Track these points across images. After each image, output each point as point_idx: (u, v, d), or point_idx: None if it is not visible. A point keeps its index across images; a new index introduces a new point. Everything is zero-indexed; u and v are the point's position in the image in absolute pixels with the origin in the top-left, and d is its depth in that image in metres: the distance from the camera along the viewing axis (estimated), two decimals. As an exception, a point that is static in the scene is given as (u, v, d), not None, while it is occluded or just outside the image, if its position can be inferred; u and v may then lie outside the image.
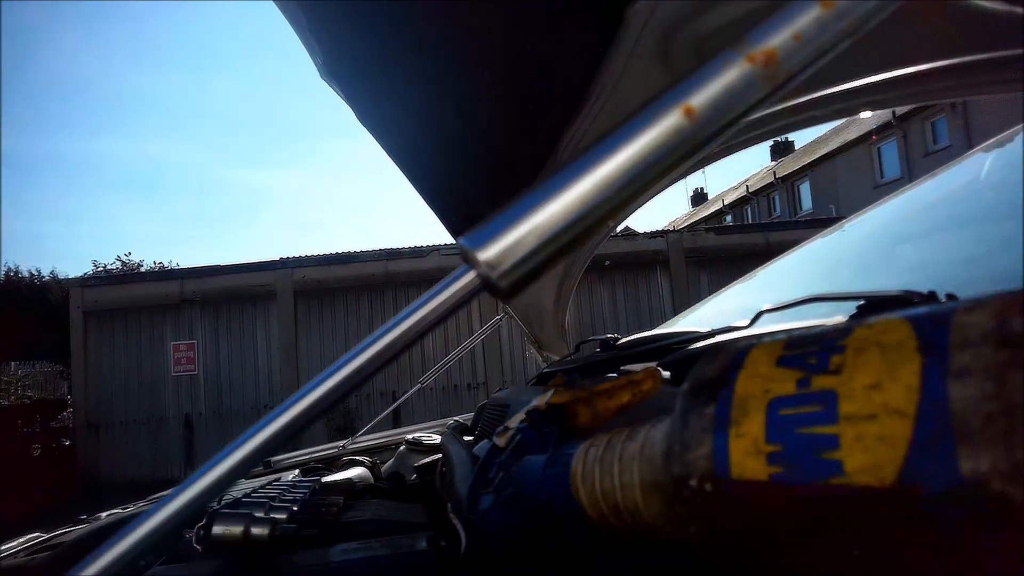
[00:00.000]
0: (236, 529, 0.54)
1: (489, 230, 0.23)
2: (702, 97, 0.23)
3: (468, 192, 2.01)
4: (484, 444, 0.78)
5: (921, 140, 16.87)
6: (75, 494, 8.90)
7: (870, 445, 0.28)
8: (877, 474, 0.27)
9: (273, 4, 1.92)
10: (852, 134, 19.09)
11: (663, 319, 9.94)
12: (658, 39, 0.83)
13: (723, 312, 1.64)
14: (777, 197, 23.77)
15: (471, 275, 0.23)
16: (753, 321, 0.85)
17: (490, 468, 0.57)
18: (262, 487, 0.75)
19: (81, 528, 1.56)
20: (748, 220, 24.18)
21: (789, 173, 22.57)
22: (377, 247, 10.25)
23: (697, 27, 0.79)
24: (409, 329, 0.22)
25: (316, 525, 0.63)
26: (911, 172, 16.75)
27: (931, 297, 0.67)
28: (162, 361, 9.55)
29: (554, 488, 0.47)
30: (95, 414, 9.41)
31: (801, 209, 22.08)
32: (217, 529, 0.56)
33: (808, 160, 21.45)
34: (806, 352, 0.34)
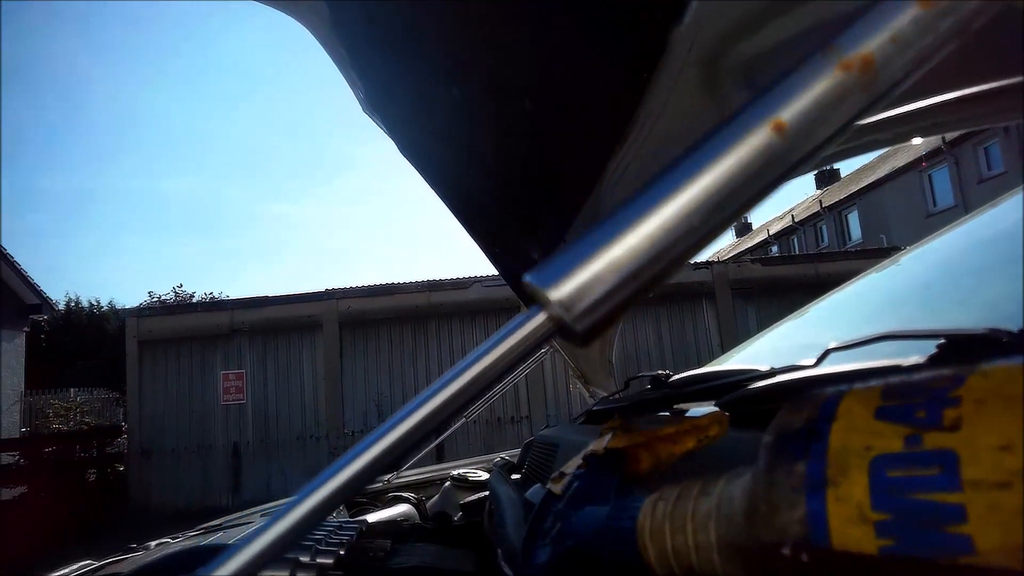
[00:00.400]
0: (282, 573, 0.52)
1: (561, 266, 0.20)
2: (793, 111, 0.20)
3: (511, 223, 2.00)
4: (537, 489, 0.75)
5: (974, 166, 16.34)
6: (126, 519, 9.08)
7: (1007, 519, 0.24)
8: (1020, 555, 0.23)
9: (315, 40, 1.97)
10: (900, 160, 18.63)
11: (709, 353, 9.74)
12: (704, 62, 0.81)
13: (778, 349, 1.57)
14: (824, 227, 23.24)
15: (542, 317, 0.20)
16: (820, 360, 0.80)
17: (546, 517, 0.54)
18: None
19: (131, 556, 1.56)
20: (795, 251, 23.66)
21: (836, 202, 22.09)
22: (420, 278, 10.35)
23: (744, 49, 0.76)
24: (476, 378, 0.20)
25: (363, 571, 0.60)
26: (965, 200, 16.21)
27: (1022, 336, 0.62)
28: (212, 390, 9.75)
29: (618, 543, 0.44)
30: (148, 441, 9.63)
31: (850, 239, 21.53)
32: (263, 573, 0.54)
33: (855, 188, 20.98)
34: (911, 403, 0.30)
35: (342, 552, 0.59)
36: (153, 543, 1.71)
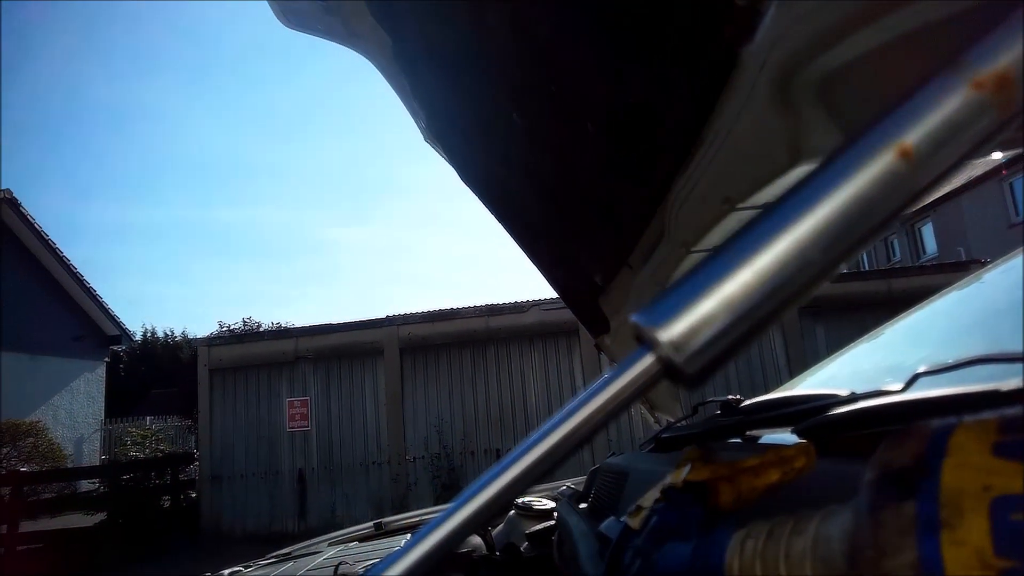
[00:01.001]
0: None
1: (670, 304, 0.19)
2: (920, 134, 0.19)
3: (573, 246, 1.99)
4: (612, 522, 0.73)
5: (1060, 174, 15.45)
6: (199, 543, 9.35)
7: None
8: None
9: (375, 69, 2.01)
10: (978, 169, 17.71)
11: (777, 376, 9.43)
12: (777, 80, 0.78)
13: (856, 373, 1.50)
14: (896, 241, 22.33)
15: (650, 360, 0.19)
16: (908, 385, 0.76)
17: (625, 552, 0.52)
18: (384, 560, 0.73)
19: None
20: (865, 267, 22.79)
21: (908, 214, 21.18)
22: (478, 302, 10.42)
23: (819, 65, 0.74)
24: (582, 423, 0.19)
25: (438, 608, 0.60)
26: (1052, 209, 15.33)
27: None
28: (278, 416, 10.00)
29: (705, 583, 0.42)
30: (218, 467, 9.92)
31: (924, 253, 20.62)
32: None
33: (930, 199, 20.08)
34: (1034, 439, 0.28)
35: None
36: (227, 572, 1.75)
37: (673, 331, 0.19)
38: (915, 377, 0.76)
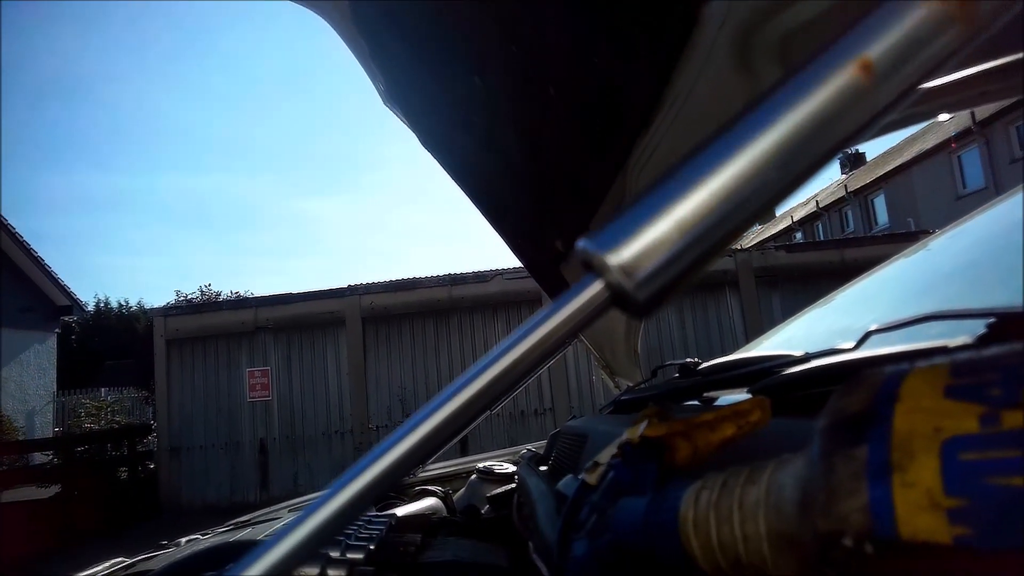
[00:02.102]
0: (312, 572, 0.50)
1: (619, 229, 0.18)
2: (881, 48, 0.17)
3: (535, 213, 1.98)
4: (568, 480, 0.73)
5: (1006, 146, 15.93)
6: (157, 516, 9.25)
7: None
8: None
9: (334, 34, 1.94)
10: (929, 143, 18.24)
11: (734, 343, 9.64)
12: (736, 39, 0.77)
13: (809, 336, 1.53)
14: (850, 212, 22.86)
15: (598, 286, 0.18)
16: (860, 343, 0.77)
17: (581, 509, 0.52)
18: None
19: (162, 553, 1.57)
20: (820, 237, 23.32)
21: (862, 186, 21.71)
22: (441, 272, 10.37)
23: (779, 24, 0.73)
24: (526, 353, 0.18)
25: (394, 567, 0.59)
26: (996, 181, 15.83)
27: (1080, 313, 0.59)
28: (238, 387, 9.87)
29: (660, 535, 0.42)
30: (176, 438, 9.78)
31: (876, 224, 21.16)
32: (305, 568, 0.53)
33: (881, 172, 20.59)
34: (985, 381, 0.28)
35: (372, 547, 0.58)
36: (184, 540, 1.72)
37: (622, 255, 0.18)
38: (867, 335, 0.77)
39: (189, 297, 18.53)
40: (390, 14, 1.77)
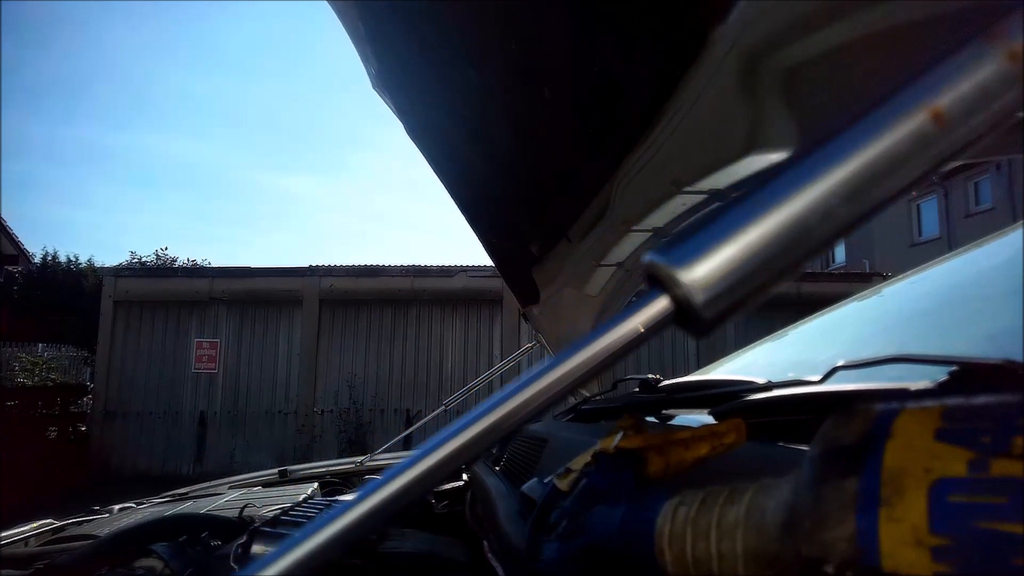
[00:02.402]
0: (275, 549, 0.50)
1: (693, 246, 0.18)
2: (952, 98, 0.18)
3: (514, 213, 1.98)
4: (535, 484, 0.73)
5: (963, 200, 16.58)
6: (86, 480, 8.95)
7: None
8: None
9: (321, 10, 1.92)
10: (892, 191, 18.79)
11: (684, 360, 9.77)
12: (744, 64, 0.78)
13: (768, 365, 1.57)
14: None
15: (663, 301, 0.18)
16: (827, 376, 0.79)
17: (551, 513, 0.52)
18: (299, 505, 0.71)
19: (94, 519, 1.53)
20: (779, 269, 23.79)
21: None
22: (406, 262, 10.30)
23: (787, 55, 0.75)
24: (586, 362, 0.18)
25: (357, 554, 0.58)
26: (951, 233, 16.45)
27: (1039, 370, 0.62)
28: (184, 357, 9.63)
29: (634, 545, 0.42)
30: (114, 402, 9.49)
31: (834, 262, 21.76)
32: (258, 548, 0.52)
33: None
34: (976, 427, 0.29)
35: (334, 532, 0.57)
36: (116, 507, 1.67)
37: (694, 273, 0.18)
38: (834, 370, 0.80)
39: (143, 260, 18.00)
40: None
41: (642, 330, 0.18)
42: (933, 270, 1.43)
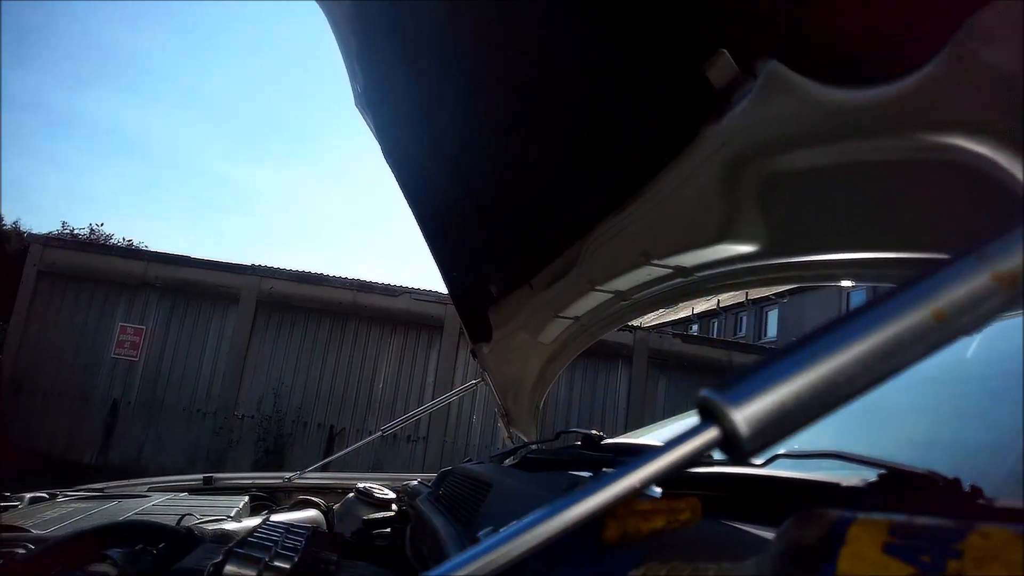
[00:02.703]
0: (250, 572, 0.51)
1: (744, 389, 0.23)
2: (949, 301, 0.23)
3: (478, 251, 2.01)
4: (490, 532, 0.75)
5: (890, 297, 17.44)
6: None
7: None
8: None
9: (309, 11, 1.93)
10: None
11: (615, 413, 9.88)
12: (729, 164, 0.85)
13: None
14: (745, 317, 24.29)
15: (714, 431, 0.22)
16: (768, 462, 0.85)
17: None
18: (262, 527, 0.71)
19: (8, 509, 1.45)
20: (714, 334, 24.60)
21: (760, 297, 23.15)
22: (349, 275, 10.18)
23: (770, 165, 0.82)
24: (644, 480, 0.22)
25: (316, 585, 0.59)
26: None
27: (956, 483, 0.68)
28: (105, 340, 9.19)
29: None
30: (21, 375, 8.95)
31: (766, 335, 22.56)
32: (230, 569, 0.53)
33: (781, 288, 22.06)
34: (917, 545, 0.34)
35: (296, 559, 0.59)
36: (28, 496, 1.59)
37: (744, 411, 0.22)
38: (775, 457, 0.85)
39: (76, 232, 17.24)
40: (390, 23, 1.79)
41: (700, 450, 0.22)
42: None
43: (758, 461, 0.89)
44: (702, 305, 27.22)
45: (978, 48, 0.48)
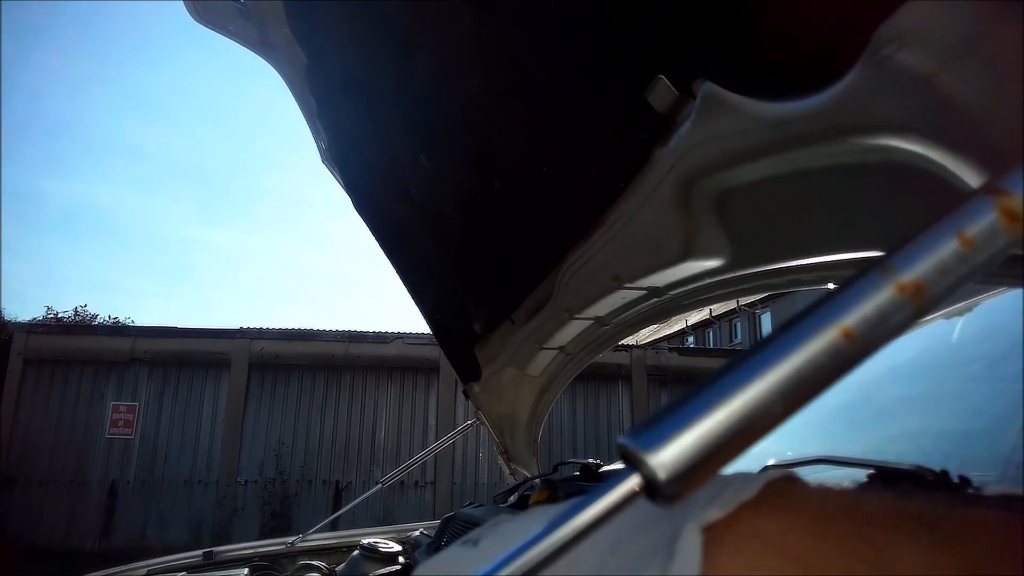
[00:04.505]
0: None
1: (656, 434, 0.23)
2: (857, 318, 0.24)
3: (457, 291, 2.02)
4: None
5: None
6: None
7: None
8: None
9: (274, 75, 1.96)
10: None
11: (621, 433, 9.88)
12: (680, 183, 0.86)
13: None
14: (739, 324, 24.37)
15: (635, 479, 0.22)
16: (760, 472, 0.85)
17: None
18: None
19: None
20: (710, 344, 24.64)
21: (752, 301, 23.25)
22: (341, 326, 10.14)
23: (721, 181, 0.83)
24: (567, 535, 0.21)
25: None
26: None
27: (944, 475, 0.68)
28: (98, 421, 9.06)
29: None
30: (15, 469, 8.76)
31: (761, 338, 22.59)
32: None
33: (758, 296, 22.18)
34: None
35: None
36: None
37: (661, 456, 0.22)
38: (765, 468, 0.85)
39: (60, 316, 17.11)
40: (347, 80, 1.82)
41: (622, 500, 0.22)
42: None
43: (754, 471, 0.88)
44: (696, 317, 27.31)
45: (892, 53, 0.49)
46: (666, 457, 0.21)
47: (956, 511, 0.34)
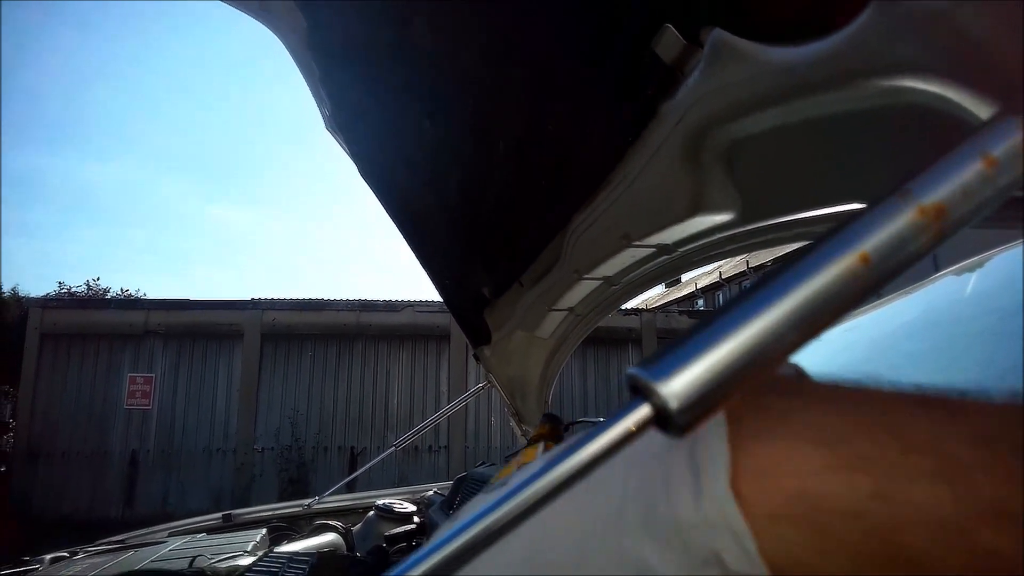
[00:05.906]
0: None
1: (667, 364, 0.22)
2: (875, 243, 0.23)
3: (467, 258, 2.02)
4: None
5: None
6: (5, 525, 8.39)
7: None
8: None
9: (276, 43, 1.94)
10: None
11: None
12: (689, 137, 0.85)
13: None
14: (749, 286, 24.24)
15: (645, 409, 0.22)
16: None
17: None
18: (262, 559, 0.71)
19: (25, 570, 1.46)
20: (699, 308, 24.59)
21: (761, 263, 23.12)
22: (351, 296, 10.19)
23: (730, 131, 0.81)
24: (573, 466, 0.21)
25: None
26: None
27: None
28: (116, 393, 9.21)
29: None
30: (37, 442, 8.97)
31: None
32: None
33: (781, 252, 22.02)
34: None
35: (301, 588, 0.59)
36: (48, 557, 1.60)
37: (672, 386, 0.22)
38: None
39: (73, 291, 17.26)
40: (349, 45, 1.79)
41: (633, 430, 0.22)
42: (868, 317, 1.52)
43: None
44: (705, 279, 27.20)
45: (905, -12, 0.48)
46: (677, 386, 0.21)
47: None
